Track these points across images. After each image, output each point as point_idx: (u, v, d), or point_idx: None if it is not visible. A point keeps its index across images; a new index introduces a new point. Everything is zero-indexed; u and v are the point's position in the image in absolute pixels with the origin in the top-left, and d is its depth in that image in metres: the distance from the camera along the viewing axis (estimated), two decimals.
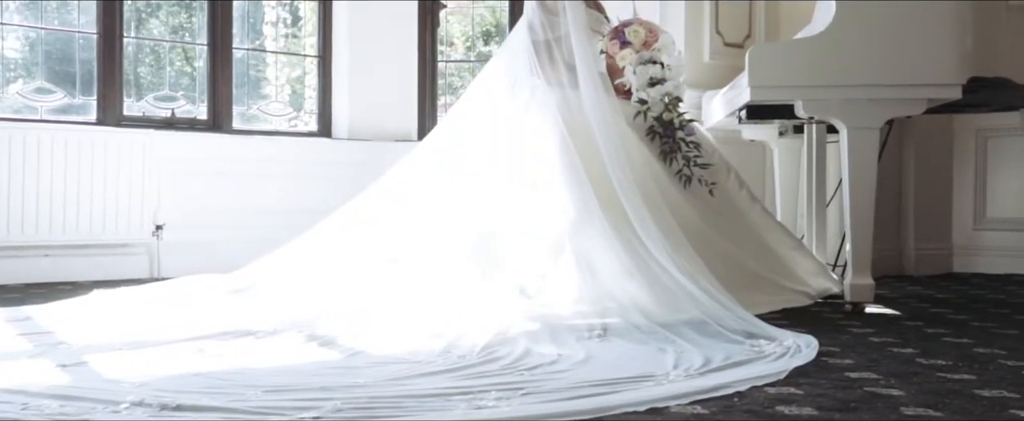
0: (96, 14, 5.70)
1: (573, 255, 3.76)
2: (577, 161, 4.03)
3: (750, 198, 4.47)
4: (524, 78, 4.45)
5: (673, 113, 4.34)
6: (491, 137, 4.36)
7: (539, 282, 3.75)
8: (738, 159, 5.69)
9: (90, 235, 5.31)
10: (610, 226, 3.82)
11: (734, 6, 5.87)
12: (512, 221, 4.03)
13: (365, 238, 4.11)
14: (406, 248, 3.99)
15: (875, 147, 3.99)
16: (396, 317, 3.36)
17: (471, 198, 4.14)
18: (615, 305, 3.53)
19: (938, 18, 3.86)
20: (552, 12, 4.47)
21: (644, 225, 3.77)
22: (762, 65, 3.92)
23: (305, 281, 3.87)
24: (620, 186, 3.90)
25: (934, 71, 3.86)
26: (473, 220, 4.04)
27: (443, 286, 3.67)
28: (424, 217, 4.13)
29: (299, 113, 6.69)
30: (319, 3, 6.59)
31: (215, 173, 5.83)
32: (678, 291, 3.53)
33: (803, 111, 3.96)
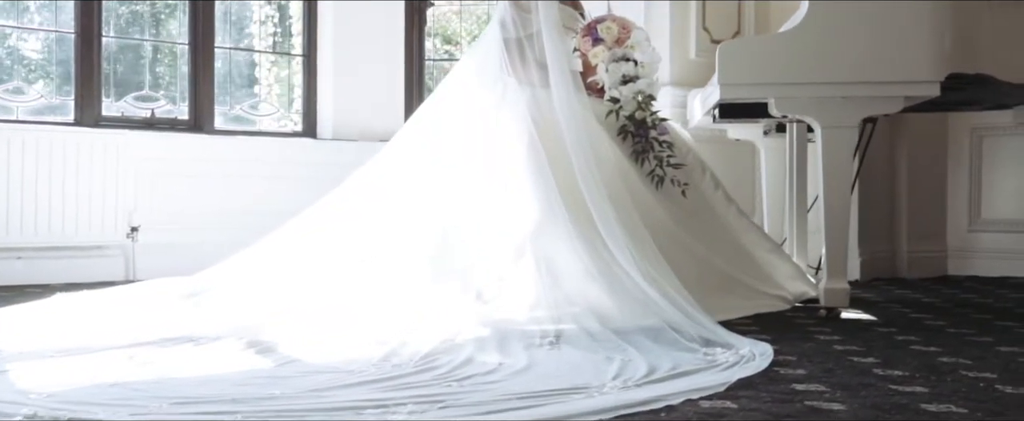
0: (74, 13, 5.64)
1: (533, 258, 3.65)
2: (544, 161, 3.92)
3: (726, 199, 4.34)
4: (496, 76, 4.34)
5: (646, 112, 4.21)
6: (460, 137, 4.25)
7: (497, 285, 3.64)
8: (727, 158, 5.59)
9: (63, 237, 5.24)
10: (574, 228, 3.71)
11: (721, 2, 5.74)
12: (477, 223, 3.93)
13: (326, 239, 4.01)
14: (366, 250, 3.89)
15: (851, 147, 3.85)
16: (343, 322, 3.26)
17: (436, 199, 4.04)
18: (575, 310, 3.41)
19: (915, 13, 3.72)
20: (524, 9, 4.35)
21: (608, 228, 3.65)
22: (733, 62, 3.78)
23: (261, 284, 3.77)
24: (586, 187, 3.78)
25: (911, 68, 3.72)
26: (437, 222, 3.94)
27: (399, 289, 3.57)
28: (387, 219, 4.03)
29: (289, 113, 6.61)
30: (304, 1, 6.50)
31: (195, 174, 5.76)
32: (639, 296, 3.41)
33: (776, 109, 3.82)
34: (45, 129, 5.32)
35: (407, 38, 6.65)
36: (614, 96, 4.25)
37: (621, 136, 4.19)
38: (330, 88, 6.43)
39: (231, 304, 3.57)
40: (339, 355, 2.87)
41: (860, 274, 5.43)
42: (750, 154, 5.63)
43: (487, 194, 4.00)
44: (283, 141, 6.24)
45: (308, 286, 3.68)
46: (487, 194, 4.00)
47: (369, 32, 6.47)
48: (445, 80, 4.57)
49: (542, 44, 4.24)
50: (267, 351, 2.97)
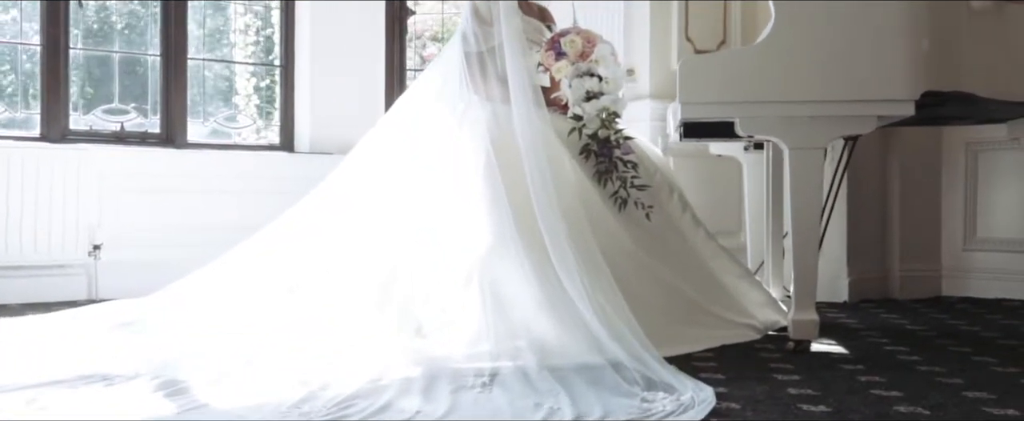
0: (40, 24, 5.50)
1: (479, 288, 3.46)
2: (499, 184, 3.73)
3: (693, 222, 4.13)
4: (458, 93, 4.16)
5: (610, 130, 4.00)
6: (416, 157, 4.07)
7: (440, 317, 3.45)
8: (712, 175, 5.39)
9: (21, 256, 5.08)
10: (526, 255, 3.52)
11: (706, 9, 5.51)
12: (426, 249, 3.73)
13: (269, 265, 3.84)
14: (306, 277, 3.71)
15: (820, 169, 3.62)
16: (270, 358, 3.08)
17: (391, 222, 3.86)
18: (519, 343, 3.22)
19: (887, 25, 3.50)
20: (486, 21, 4.17)
21: (561, 255, 3.46)
22: (694, 79, 3.57)
23: (197, 314, 3.60)
24: (540, 211, 3.59)
25: (883, 85, 3.49)
26: (383, 248, 3.75)
27: (339, 320, 3.39)
28: (340, 242, 3.85)
29: (269, 125, 6.44)
30: (281, 10, 6.33)
31: (163, 190, 5.58)
32: (585, 331, 3.22)
33: (741, 129, 3.61)
34: (5, 144, 5.16)
35: (387, 48, 6.47)
36: (577, 113, 4.05)
37: (583, 155, 3.99)
38: (307, 100, 6.25)
39: (159, 336, 3.39)
40: (252, 398, 2.70)
41: (848, 295, 5.21)
42: (737, 170, 5.41)
43: (441, 217, 3.81)
44: (258, 154, 6.07)
45: (244, 316, 3.51)
46: (441, 217, 3.81)
47: (348, 42, 6.29)
48: (405, 94, 4.40)
49: (504, 58, 4.06)
50: (177, 393, 2.79)
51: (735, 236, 5.33)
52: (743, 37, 5.60)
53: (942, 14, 3.61)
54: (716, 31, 5.58)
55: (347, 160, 4.21)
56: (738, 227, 5.37)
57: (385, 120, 4.27)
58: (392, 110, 4.31)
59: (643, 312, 3.59)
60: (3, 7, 5.51)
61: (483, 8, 4.18)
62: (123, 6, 5.91)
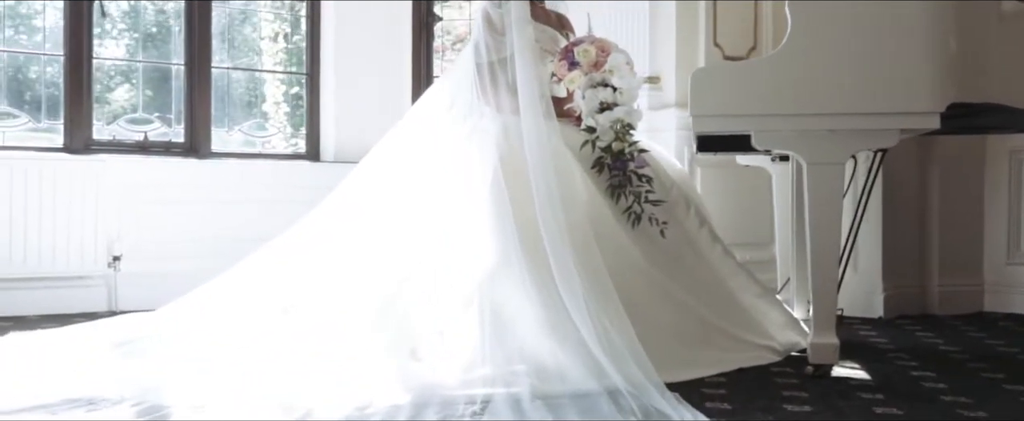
0: (63, 34, 5.49)
1: (479, 310, 3.33)
2: (505, 201, 3.61)
3: (711, 238, 3.96)
4: (469, 105, 4.05)
5: (624, 142, 3.86)
6: (422, 172, 3.96)
7: (437, 340, 3.33)
8: (743, 185, 5.19)
9: (40, 267, 5.06)
10: (529, 276, 3.39)
11: (735, 13, 5.30)
12: (428, 268, 3.62)
13: (267, 284, 3.76)
14: (302, 297, 3.63)
15: (840, 185, 3.44)
16: (254, 384, 2.99)
17: (388, 241, 3.75)
18: (517, 368, 3.10)
19: (910, 32, 3.30)
20: (498, 31, 4.05)
21: (565, 275, 3.33)
22: (706, 91, 3.42)
23: (190, 335, 3.53)
24: (546, 229, 3.46)
25: (905, 97, 3.30)
26: (385, 267, 3.65)
27: (327, 344, 3.29)
28: (333, 261, 3.76)
29: (298, 133, 6.39)
30: (306, 18, 6.27)
31: (185, 200, 5.54)
32: (586, 356, 3.09)
33: (757, 143, 3.44)
34: (25, 155, 5.16)
35: (414, 55, 6.38)
36: (590, 125, 3.91)
37: (596, 169, 3.84)
38: (332, 108, 6.19)
39: (149, 359, 3.32)
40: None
41: (884, 310, 4.99)
42: (767, 180, 5.22)
43: (445, 236, 3.70)
44: (282, 164, 6.01)
45: (237, 338, 3.42)
46: (445, 236, 3.70)
47: (374, 49, 6.21)
48: (415, 106, 4.29)
49: (515, 68, 3.94)
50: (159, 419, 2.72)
51: (766, 248, 5.14)
52: (775, 42, 5.37)
53: (970, 18, 3.42)
54: (746, 36, 5.37)
55: (354, 174, 4.11)
56: (769, 239, 5.17)
57: (394, 133, 4.16)
58: (402, 122, 4.20)
59: (655, 333, 3.47)
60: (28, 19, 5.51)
61: (495, 17, 4.07)
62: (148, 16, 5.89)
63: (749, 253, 5.25)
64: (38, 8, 5.48)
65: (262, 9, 6.35)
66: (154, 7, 5.89)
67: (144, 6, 5.84)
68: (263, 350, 3.28)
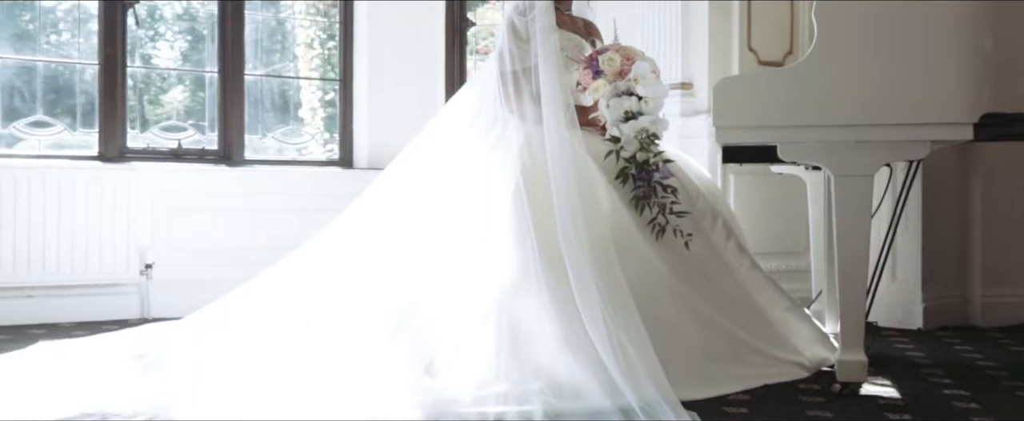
0: (97, 43, 5.53)
1: (496, 325, 3.29)
2: (526, 214, 3.57)
3: (738, 250, 3.87)
4: (493, 115, 4.01)
5: (648, 152, 3.78)
6: (444, 184, 3.93)
7: (452, 355, 3.29)
8: (777, 193, 5.09)
9: (73, 275, 5.11)
10: (548, 291, 3.34)
11: (771, 17, 5.21)
12: (448, 281, 3.58)
13: (287, 297, 3.75)
14: (322, 310, 3.61)
15: (868, 197, 3.33)
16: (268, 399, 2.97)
17: (409, 253, 3.72)
18: (531, 386, 3.05)
19: (943, 37, 3.20)
20: (522, 39, 4.00)
21: (585, 291, 3.27)
22: (730, 102, 3.34)
23: (208, 348, 3.52)
24: (565, 243, 3.41)
25: (936, 108, 3.20)
26: (404, 280, 3.62)
27: (344, 359, 3.26)
28: (353, 274, 3.73)
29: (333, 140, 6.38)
30: (339, 23, 6.27)
31: (217, 208, 5.54)
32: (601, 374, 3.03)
33: (783, 154, 3.36)
34: (58, 164, 5.20)
35: (447, 60, 6.34)
36: (614, 135, 3.84)
37: (620, 179, 3.77)
38: (365, 114, 6.17)
39: (165, 373, 3.32)
40: None
41: (923, 322, 4.86)
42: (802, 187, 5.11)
43: (466, 249, 3.66)
44: (315, 170, 6.02)
45: (255, 352, 3.41)
46: (466, 249, 3.66)
47: (407, 54, 6.18)
48: (439, 115, 4.25)
49: (538, 77, 3.89)
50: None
51: (801, 258, 5.03)
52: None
53: (1007, 22, 3.30)
54: (782, 41, 5.28)
55: (376, 184, 4.09)
56: (804, 248, 5.05)
57: (416, 143, 4.13)
58: (425, 132, 4.16)
59: (679, 349, 3.41)
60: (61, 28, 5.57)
61: (520, 25, 4.01)
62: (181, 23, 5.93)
63: (784, 262, 5.17)
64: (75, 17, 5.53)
65: (298, 15, 6.35)
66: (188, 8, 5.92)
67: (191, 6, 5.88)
68: (279, 366, 3.25)
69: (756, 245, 5.04)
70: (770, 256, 5.12)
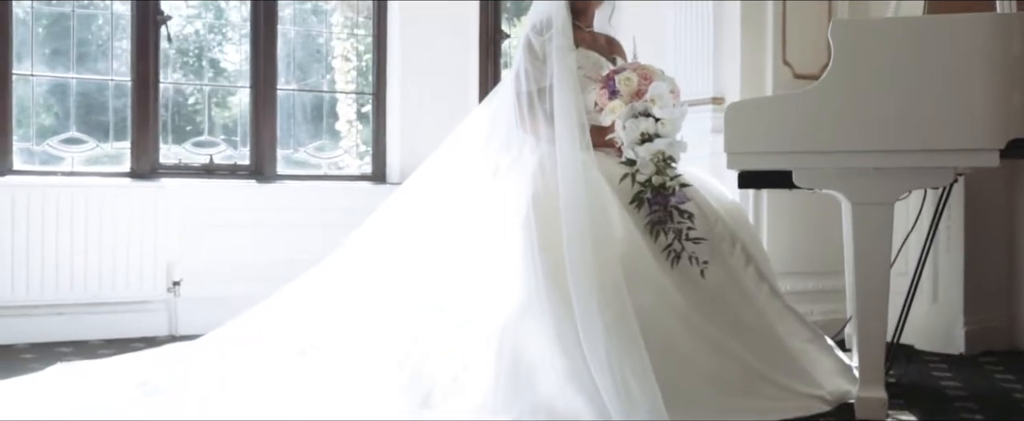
0: (130, 59, 5.56)
1: (497, 353, 3.21)
2: (534, 239, 3.47)
3: (757, 277, 3.72)
4: (508, 135, 3.93)
5: (665, 176, 3.65)
6: (457, 204, 3.86)
7: (451, 387, 3.21)
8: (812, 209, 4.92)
9: (99, 293, 5.13)
10: (552, 320, 3.25)
11: (807, 29, 5.03)
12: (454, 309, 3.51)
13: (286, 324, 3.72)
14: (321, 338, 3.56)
15: (888, 227, 3.18)
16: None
17: (416, 278, 3.66)
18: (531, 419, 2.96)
19: (967, 55, 3.03)
20: (539, 58, 3.90)
21: (588, 322, 3.17)
22: (742, 126, 3.22)
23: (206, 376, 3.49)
24: (572, 270, 3.31)
25: (958, 132, 3.04)
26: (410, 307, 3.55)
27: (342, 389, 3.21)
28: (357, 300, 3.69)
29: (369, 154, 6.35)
30: (372, 36, 6.23)
31: (248, 223, 5.56)
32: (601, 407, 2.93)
33: (798, 181, 3.22)
34: (86, 181, 5.25)
35: (481, 73, 6.28)
36: (630, 157, 3.72)
37: (635, 203, 3.65)
38: (397, 128, 6.13)
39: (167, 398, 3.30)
40: None
41: (965, 346, 4.65)
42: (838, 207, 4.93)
43: (475, 275, 3.59)
44: (346, 185, 6.00)
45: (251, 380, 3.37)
46: (475, 275, 3.59)
47: (440, 67, 6.13)
48: (455, 133, 4.17)
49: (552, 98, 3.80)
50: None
51: (836, 278, 4.85)
52: None
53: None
54: (818, 52, 5.09)
55: (388, 204, 4.04)
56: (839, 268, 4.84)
57: (430, 164, 4.07)
58: (438, 152, 4.10)
59: (692, 380, 3.30)
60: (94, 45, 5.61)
61: (537, 44, 3.91)
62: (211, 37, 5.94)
63: (819, 282, 5.01)
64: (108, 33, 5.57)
65: (335, 26, 6.34)
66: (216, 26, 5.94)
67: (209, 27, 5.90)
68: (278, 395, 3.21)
69: (790, 264, 4.91)
70: (805, 276, 4.97)
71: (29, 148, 5.36)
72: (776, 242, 4.90)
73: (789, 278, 4.95)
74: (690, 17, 5.06)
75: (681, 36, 5.12)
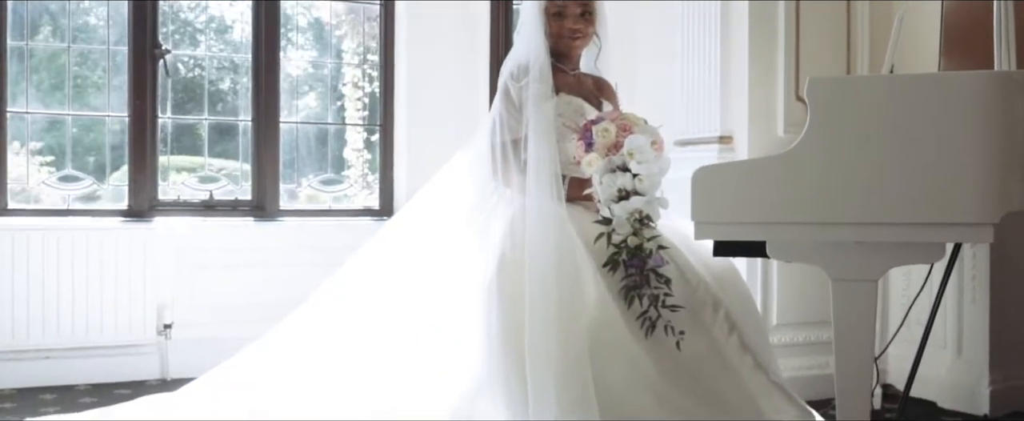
0: (127, 95, 5.45)
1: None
2: (494, 309, 3.28)
3: (740, 348, 3.41)
4: (486, 187, 3.72)
5: (642, 237, 3.39)
6: (426, 261, 3.66)
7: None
8: None
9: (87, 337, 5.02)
10: (504, 401, 3.04)
11: (823, 61, 4.70)
12: (412, 380, 3.31)
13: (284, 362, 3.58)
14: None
15: (872, 303, 2.88)
16: None
17: (376, 343, 3.48)
18: None
19: (958, 123, 2.72)
20: (515, 105, 3.67)
21: (542, 403, 2.94)
22: (708, 194, 2.94)
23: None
24: (530, 343, 3.09)
25: (950, 206, 2.72)
26: (367, 374, 3.38)
27: None
28: (317, 360, 3.52)
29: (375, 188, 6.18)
30: (380, 66, 6.06)
31: (245, 263, 5.41)
32: None
33: (772, 254, 2.94)
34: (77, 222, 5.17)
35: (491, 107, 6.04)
36: (606, 215, 3.46)
37: (608, 266, 3.39)
38: (404, 163, 5.95)
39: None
40: None
41: (990, 406, 4.29)
42: None
43: (433, 345, 3.39)
44: (349, 222, 5.82)
45: None
46: (433, 345, 3.39)
47: (448, 100, 5.92)
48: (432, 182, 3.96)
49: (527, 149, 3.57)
50: None
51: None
52: None
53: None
54: None
55: (356, 259, 3.86)
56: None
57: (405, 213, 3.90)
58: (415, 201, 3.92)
59: None
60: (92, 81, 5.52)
61: (514, 92, 3.67)
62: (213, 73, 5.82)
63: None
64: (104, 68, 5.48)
65: (346, 53, 6.18)
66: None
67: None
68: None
69: (803, 314, 4.64)
70: (817, 326, 4.65)
71: (24, 187, 5.28)
72: (787, 291, 4.61)
73: (802, 328, 4.68)
74: (696, 49, 4.78)
75: (688, 69, 4.84)
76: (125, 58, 5.43)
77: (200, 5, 5.84)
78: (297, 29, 5.98)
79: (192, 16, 5.85)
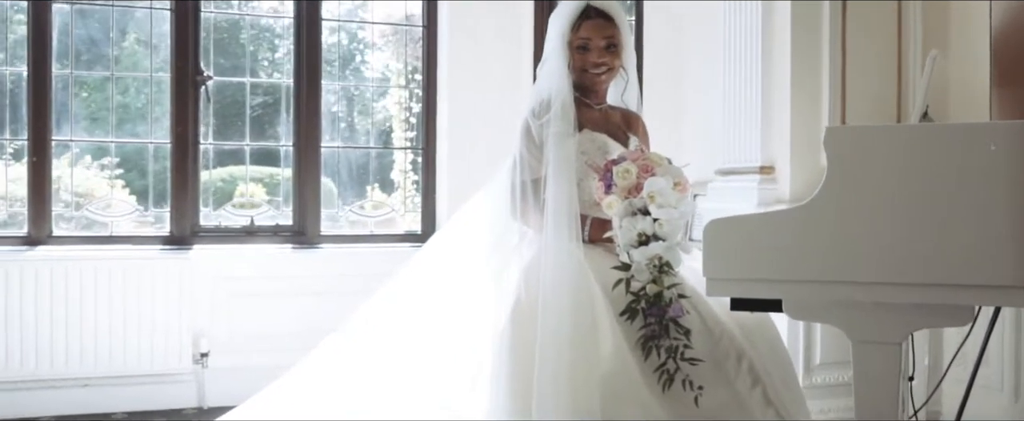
0: (169, 122, 5.48)
1: None
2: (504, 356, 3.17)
3: (764, 402, 3.25)
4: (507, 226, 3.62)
5: (661, 285, 3.24)
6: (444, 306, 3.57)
7: None
8: None
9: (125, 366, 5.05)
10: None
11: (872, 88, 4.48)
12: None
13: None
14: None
15: (895, 365, 2.68)
16: None
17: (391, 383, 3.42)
18: None
19: (987, 176, 2.51)
20: (535, 144, 3.56)
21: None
22: (720, 249, 2.77)
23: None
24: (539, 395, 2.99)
25: (975, 265, 2.52)
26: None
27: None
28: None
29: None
30: (422, 89, 5.99)
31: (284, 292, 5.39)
32: None
33: (789, 312, 2.77)
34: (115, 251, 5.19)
35: None
36: (625, 261, 3.31)
37: (626, 315, 3.24)
38: (446, 186, 5.87)
39: None
40: None
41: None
42: None
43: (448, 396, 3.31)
44: (391, 248, 5.75)
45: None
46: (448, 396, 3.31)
47: (489, 124, 5.82)
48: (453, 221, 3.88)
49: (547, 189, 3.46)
50: None
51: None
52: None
53: None
54: (886, 108, 4.54)
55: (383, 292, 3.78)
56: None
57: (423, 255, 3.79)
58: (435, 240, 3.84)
59: None
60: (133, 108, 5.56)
61: (536, 130, 3.55)
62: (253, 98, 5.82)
63: None
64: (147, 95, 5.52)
65: (392, 74, 6.14)
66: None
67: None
68: None
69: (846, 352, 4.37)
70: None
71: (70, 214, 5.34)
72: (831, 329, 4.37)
73: (847, 368, 4.34)
74: (738, 75, 4.60)
75: (730, 97, 4.66)
76: (167, 85, 5.45)
77: (243, 29, 5.83)
78: (339, 53, 5.94)
79: (233, 43, 5.86)
